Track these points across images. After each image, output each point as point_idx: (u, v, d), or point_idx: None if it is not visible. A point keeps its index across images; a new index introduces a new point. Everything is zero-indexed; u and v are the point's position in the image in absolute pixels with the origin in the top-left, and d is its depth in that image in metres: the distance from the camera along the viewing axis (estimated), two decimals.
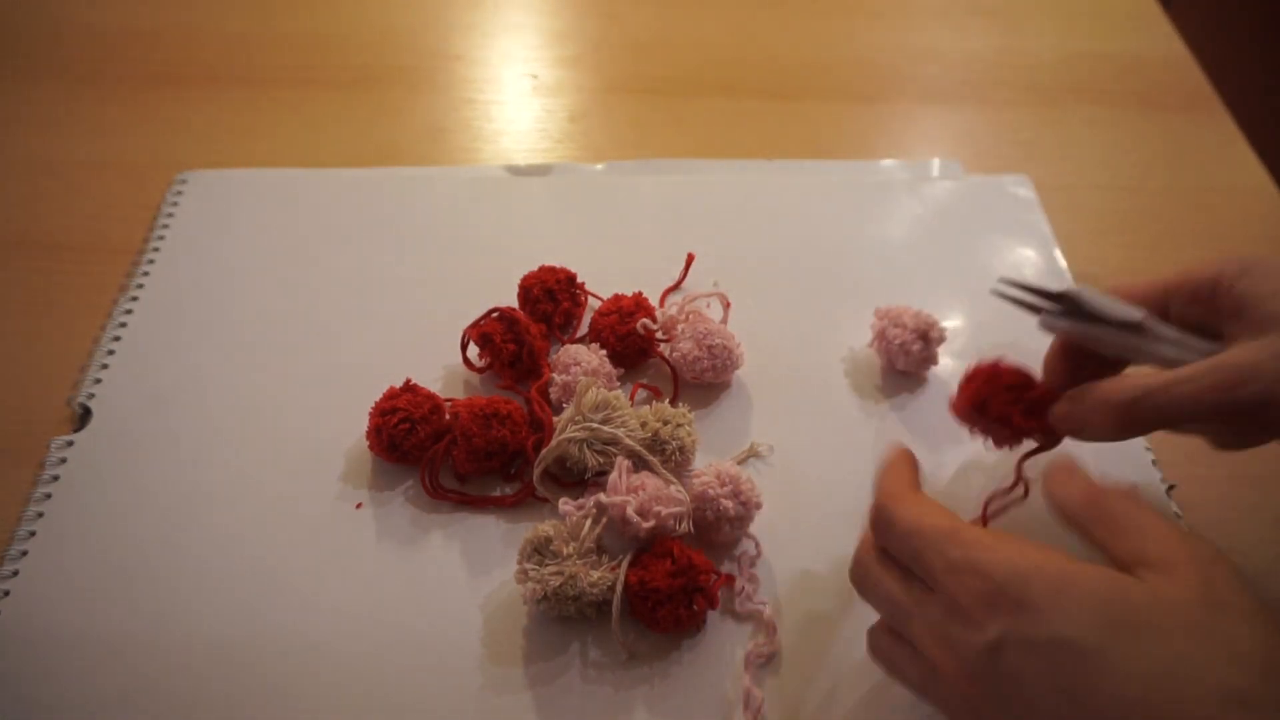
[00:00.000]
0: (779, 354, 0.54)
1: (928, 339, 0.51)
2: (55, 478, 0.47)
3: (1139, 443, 0.51)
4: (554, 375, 0.50)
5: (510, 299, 0.54)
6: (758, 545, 0.45)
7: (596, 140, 0.69)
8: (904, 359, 0.51)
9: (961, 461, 0.49)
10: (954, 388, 0.44)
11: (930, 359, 0.52)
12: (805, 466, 0.49)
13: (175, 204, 0.61)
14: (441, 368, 0.53)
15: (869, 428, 0.51)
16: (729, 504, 0.44)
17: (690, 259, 0.58)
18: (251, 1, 0.78)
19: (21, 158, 0.65)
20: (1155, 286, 0.41)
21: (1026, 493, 0.43)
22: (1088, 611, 0.30)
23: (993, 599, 0.31)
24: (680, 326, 0.52)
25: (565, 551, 0.41)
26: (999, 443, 0.43)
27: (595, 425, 0.45)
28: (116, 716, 0.40)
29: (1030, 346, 0.45)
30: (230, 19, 0.77)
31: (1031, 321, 0.41)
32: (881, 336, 0.52)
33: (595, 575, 0.41)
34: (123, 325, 0.54)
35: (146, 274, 0.57)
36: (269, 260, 0.58)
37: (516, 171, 0.65)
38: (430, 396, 0.48)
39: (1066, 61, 0.78)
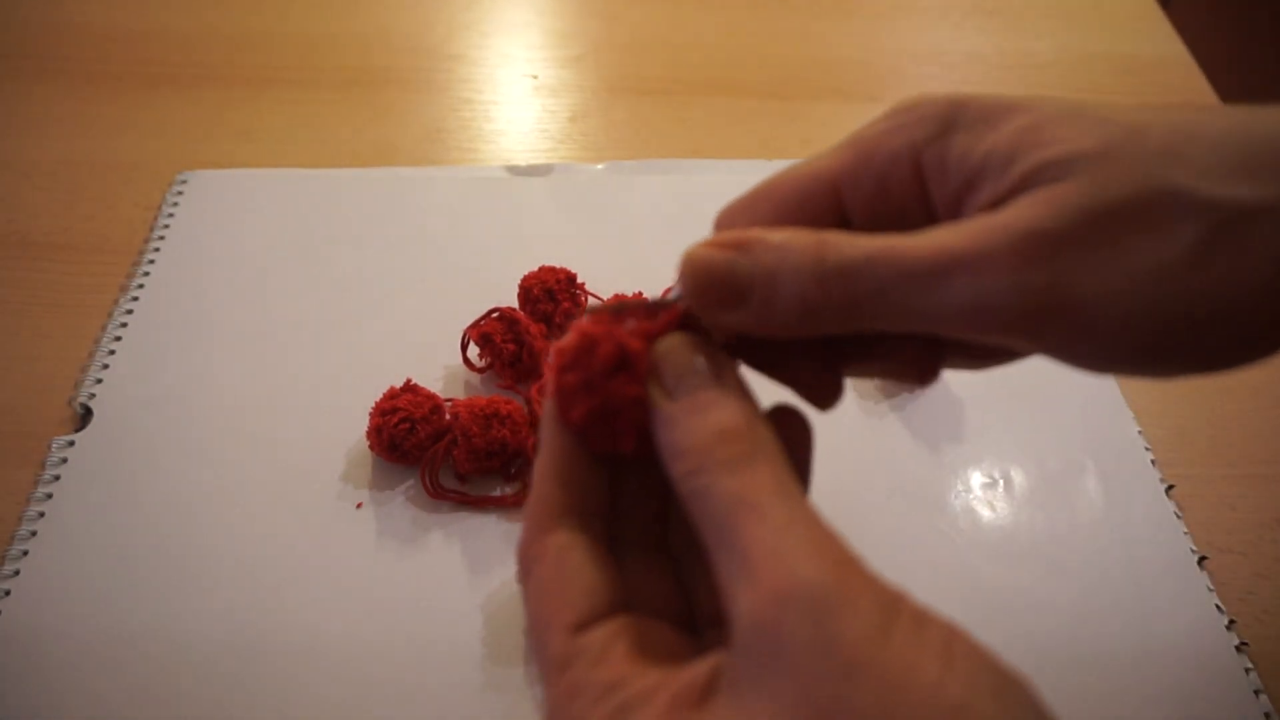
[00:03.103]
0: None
1: None
2: (56, 478, 0.47)
3: (1139, 442, 0.51)
4: None
5: (510, 299, 0.54)
6: None
7: (596, 140, 0.69)
8: None
9: (963, 461, 0.50)
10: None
11: None
12: None
13: (175, 204, 0.61)
14: (441, 368, 0.53)
15: (869, 427, 0.51)
16: None
17: None
18: (251, 1, 0.78)
19: (21, 158, 0.65)
20: (813, 183, 0.26)
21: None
22: None
23: None
24: None
25: None
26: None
27: None
28: (117, 716, 0.40)
29: (1031, 361, 0.45)
30: (230, 19, 0.77)
31: None
32: None
33: None
34: (123, 325, 0.54)
35: (146, 274, 0.57)
36: (269, 260, 0.58)
37: (516, 171, 0.65)
38: (430, 396, 0.48)
39: (1066, 61, 0.78)
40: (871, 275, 0.23)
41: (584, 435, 0.25)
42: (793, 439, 0.26)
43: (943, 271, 0.22)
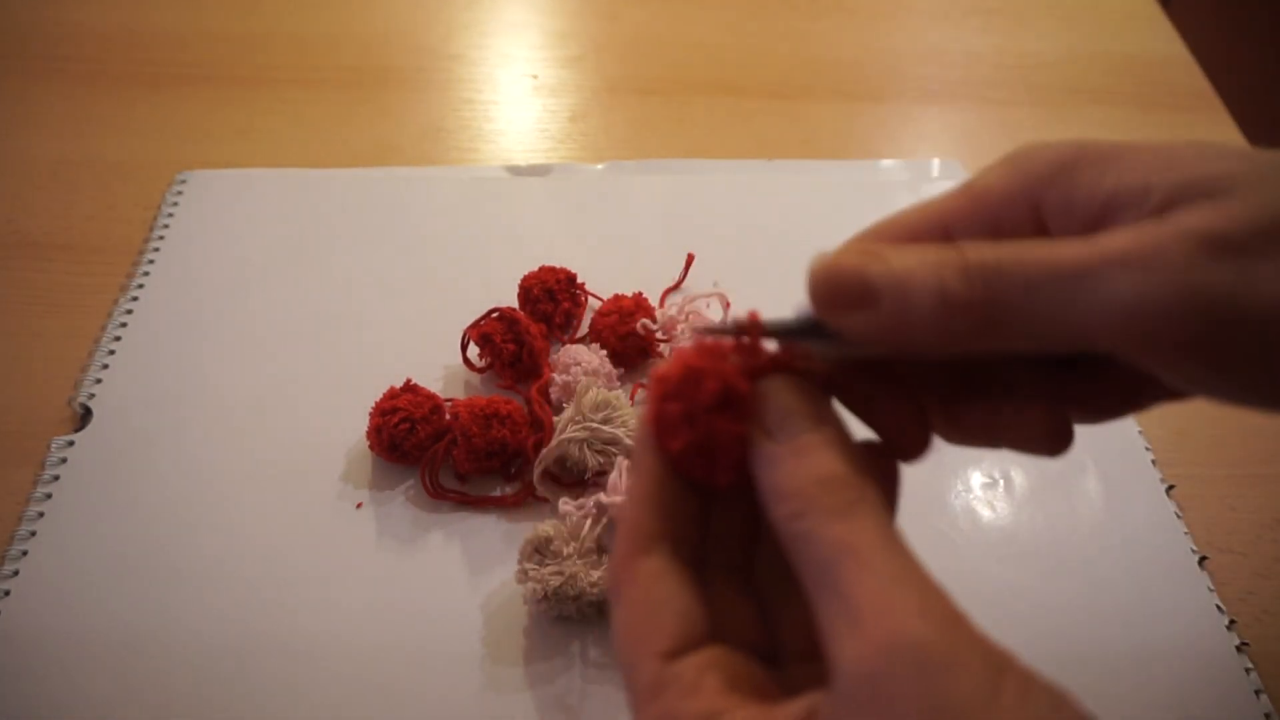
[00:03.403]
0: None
1: None
2: (55, 478, 0.47)
3: (1139, 442, 0.51)
4: (554, 375, 0.50)
5: (510, 299, 0.54)
6: None
7: (596, 140, 0.69)
8: None
9: (963, 461, 0.49)
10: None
11: None
12: None
13: (175, 204, 0.61)
14: (441, 368, 0.53)
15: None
16: None
17: (690, 259, 0.58)
18: (251, 1, 0.78)
19: (22, 158, 0.65)
20: (923, 227, 0.26)
21: None
22: None
23: None
24: (680, 326, 0.52)
25: (565, 551, 0.41)
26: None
27: (595, 425, 0.45)
28: (117, 716, 0.40)
29: None
30: (230, 19, 0.77)
31: None
32: None
33: (595, 575, 0.41)
34: (123, 325, 0.54)
35: (146, 274, 0.57)
36: (269, 260, 0.58)
37: (516, 171, 0.65)
38: (430, 396, 0.48)
39: (1066, 61, 0.78)
40: (1020, 273, 0.21)
41: (680, 464, 0.25)
42: (882, 478, 0.26)
43: (1103, 269, 0.21)
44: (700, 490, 0.26)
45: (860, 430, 0.26)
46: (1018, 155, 0.25)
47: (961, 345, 0.23)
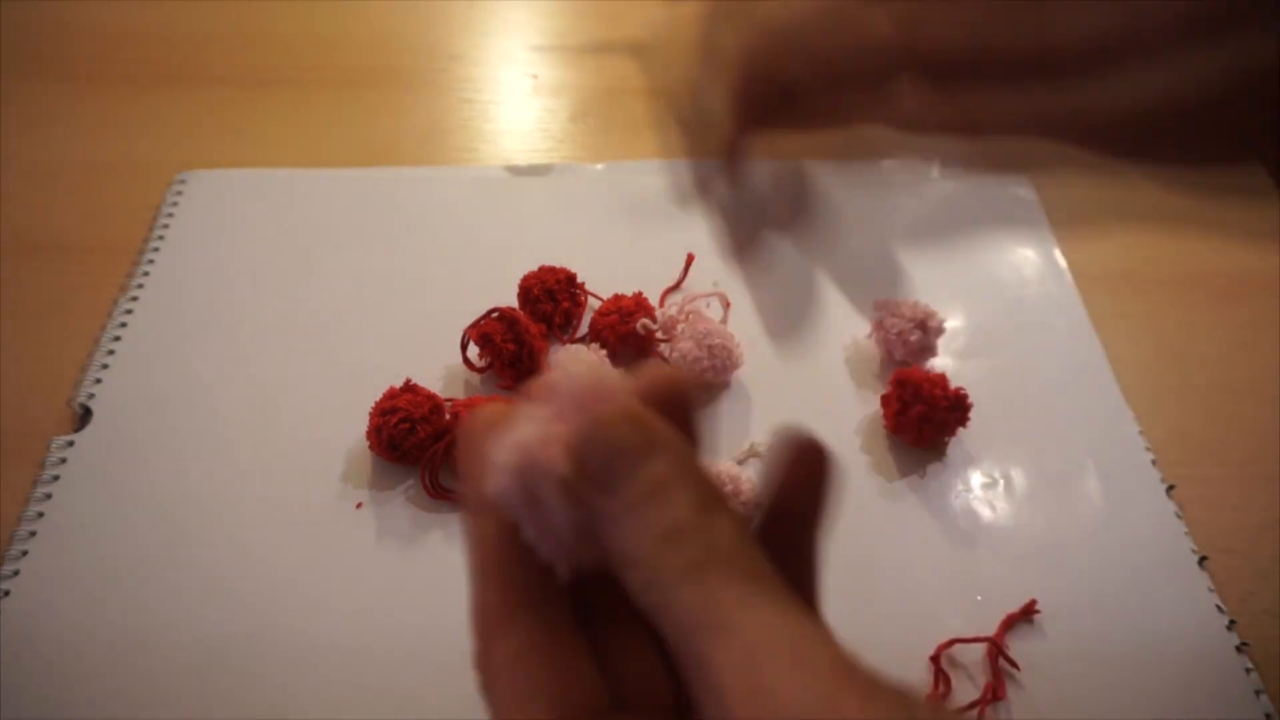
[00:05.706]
0: (778, 354, 0.54)
1: (926, 328, 0.51)
2: (55, 478, 0.47)
3: (1139, 442, 0.51)
4: None
5: (510, 299, 0.54)
6: None
7: (596, 140, 0.69)
8: (902, 348, 0.51)
9: (963, 461, 0.49)
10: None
11: (929, 349, 0.52)
12: None
13: (175, 204, 0.61)
14: (441, 368, 0.53)
15: (869, 426, 0.51)
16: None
17: (690, 259, 0.58)
18: (252, 2, 0.78)
19: (21, 158, 0.65)
20: None
21: None
22: None
23: None
24: (680, 326, 0.52)
25: None
26: None
27: None
28: (116, 716, 0.40)
29: (1032, 361, 0.44)
30: (230, 19, 0.77)
31: (1032, 326, 0.40)
32: (880, 326, 0.52)
33: None
34: (123, 325, 0.54)
35: (146, 274, 0.57)
36: (269, 260, 0.58)
37: (516, 171, 0.65)
38: (430, 396, 0.48)
39: None
40: None
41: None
42: (808, 475, 0.24)
43: None
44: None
45: None
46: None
47: None
